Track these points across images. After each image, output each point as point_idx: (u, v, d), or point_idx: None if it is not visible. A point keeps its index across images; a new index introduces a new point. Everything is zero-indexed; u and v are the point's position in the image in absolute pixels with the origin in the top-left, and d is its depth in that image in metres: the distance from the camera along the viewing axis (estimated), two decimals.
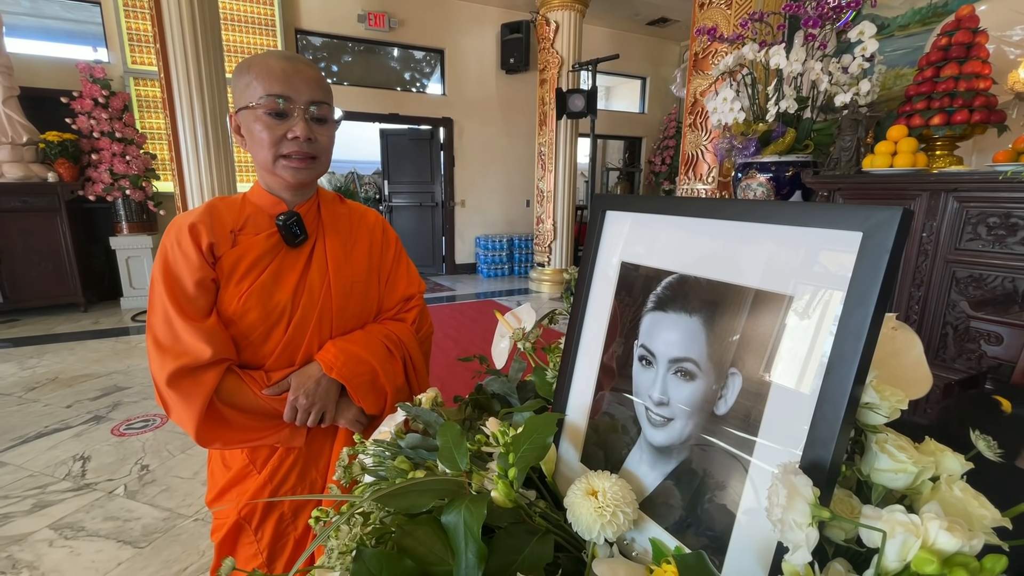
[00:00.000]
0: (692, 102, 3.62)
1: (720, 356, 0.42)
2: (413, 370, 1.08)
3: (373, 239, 1.09)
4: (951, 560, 0.27)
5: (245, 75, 0.87)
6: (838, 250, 0.35)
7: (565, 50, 6.08)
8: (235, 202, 0.96)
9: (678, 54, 8.63)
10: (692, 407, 0.43)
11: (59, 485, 2.26)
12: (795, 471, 0.31)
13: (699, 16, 3.54)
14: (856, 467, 0.38)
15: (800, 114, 2.39)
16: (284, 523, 1.00)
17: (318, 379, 0.94)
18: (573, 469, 0.55)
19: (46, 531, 1.96)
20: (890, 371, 0.43)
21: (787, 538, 0.31)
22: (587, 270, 0.58)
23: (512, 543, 0.43)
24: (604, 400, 0.54)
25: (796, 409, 0.36)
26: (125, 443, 2.64)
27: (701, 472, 0.42)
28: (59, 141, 4.78)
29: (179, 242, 0.88)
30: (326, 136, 0.93)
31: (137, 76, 5.42)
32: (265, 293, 0.92)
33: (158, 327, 0.87)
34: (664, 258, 0.49)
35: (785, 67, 2.26)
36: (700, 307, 0.44)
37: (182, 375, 0.84)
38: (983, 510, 0.33)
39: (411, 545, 0.42)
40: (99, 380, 3.46)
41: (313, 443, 1.00)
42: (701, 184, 3.65)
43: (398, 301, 1.11)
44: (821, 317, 0.35)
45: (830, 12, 2.25)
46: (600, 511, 0.42)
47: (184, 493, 2.21)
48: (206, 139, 3.73)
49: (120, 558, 1.82)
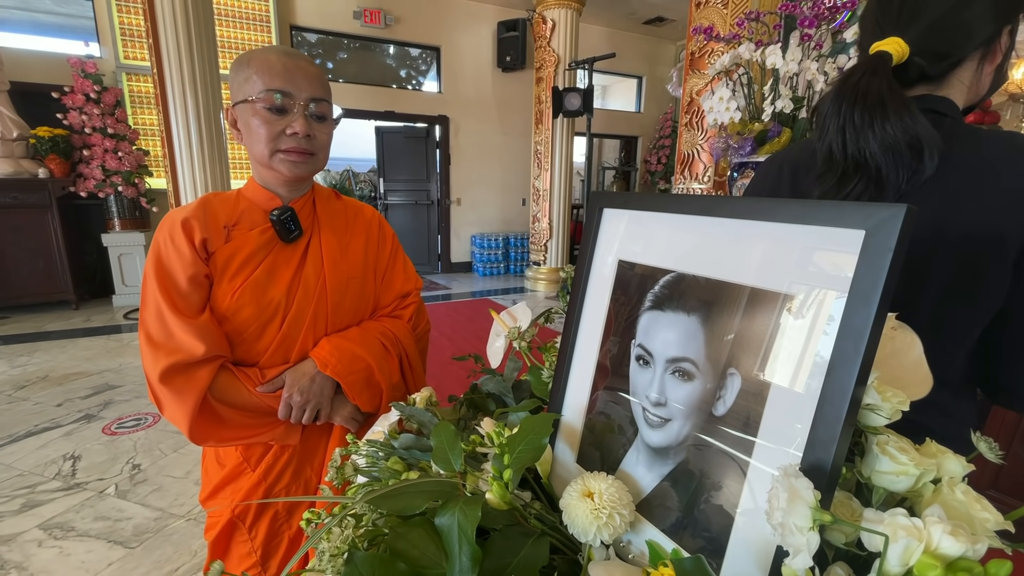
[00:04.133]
0: (688, 101, 3.63)
1: (719, 356, 0.41)
2: (409, 367, 1.07)
3: (369, 235, 1.08)
4: (955, 565, 0.27)
5: (244, 69, 0.86)
6: (840, 249, 0.34)
7: (561, 48, 6.08)
8: (229, 197, 0.95)
9: (674, 53, 8.64)
10: (690, 407, 0.43)
11: (49, 485, 2.24)
12: (796, 474, 0.31)
13: (695, 15, 3.54)
14: (857, 469, 0.38)
15: (796, 114, 2.40)
16: (278, 522, 1.00)
17: (313, 376, 0.93)
18: (569, 470, 0.54)
19: (35, 531, 1.94)
20: (890, 371, 0.42)
21: (787, 542, 0.30)
22: (583, 268, 0.57)
23: (507, 545, 0.42)
24: (600, 400, 0.53)
25: (796, 410, 0.35)
26: (116, 442, 2.62)
27: (699, 473, 0.41)
28: (50, 137, 4.73)
29: (172, 237, 0.87)
30: (325, 133, 0.93)
31: (130, 71, 5.37)
32: (259, 289, 0.91)
33: (151, 323, 0.85)
34: (662, 256, 0.48)
35: (781, 67, 2.27)
36: (698, 306, 0.43)
37: (175, 372, 0.83)
38: (985, 513, 0.33)
39: (404, 547, 0.42)
40: (90, 378, 3.42)
41: (308, 441, 0.99)
42: (697, 183, 3.66)
43: (394, 298, 1.10)
44: (822, 317, 0.35)
45: (826, 12, 2.25)
46: (596, 513, 0.42)
47: (176, 492, 2.20)
48: (199, 135, 3.70)
49: (111, 558, 1.80)
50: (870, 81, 0.61)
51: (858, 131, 0.62)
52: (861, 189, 0.64)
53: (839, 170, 0.66)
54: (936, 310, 0.65)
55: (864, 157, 0.63)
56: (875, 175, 0.63)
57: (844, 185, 0.65)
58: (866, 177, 0.63)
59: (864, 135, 0.62)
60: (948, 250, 0.63)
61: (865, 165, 0.63)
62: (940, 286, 0.64)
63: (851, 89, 0.63)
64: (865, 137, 0.62)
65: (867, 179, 0.63)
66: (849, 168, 0.65)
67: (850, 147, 0.63)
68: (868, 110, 0.61)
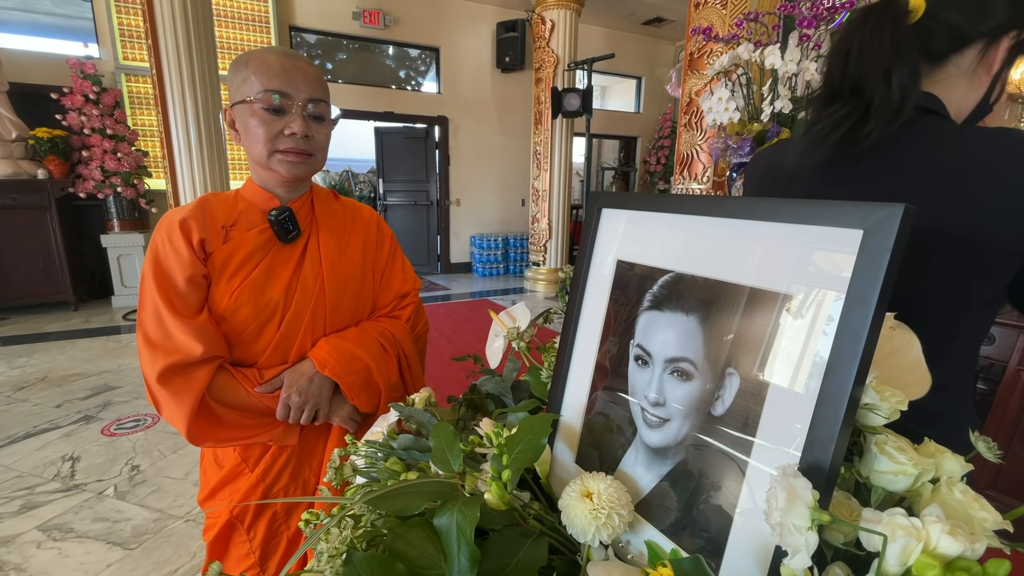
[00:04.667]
0: (687, 102, 3.63)
1: (717, 356, 0.41)
2: (408, 368, 1.07)
3: (368, 235, 1.07)
4: (953, 564, 0.27)
5: (243, 69, 0.86)
6: (838, 249, 0.34)
7: (561, 49, 6.08)
8: (227, 198, 0.95)
9: (673, 54, 8.64)
10: (688, 407, 0.43)
11: (48, 486, 2.24)
12: (794, 474, 0.31)
13: (694, 16, 3.54)
14: (855, 469, 0.38)
15: (795, 114, 2.40)
16: (277, 522, 0.99)
17: (311, 376, 0.93)
18: (568, 470, 0.54)
19: (34, 532, 1.94)
20: (888, 371, 0.42)
21: (786, 542, 0.30)
22: (582, 268, 0.57)
23: (506, 546, 0.42)
24: (599, 400, 0.53)
25: (795, 410, 0.35)
26: (115, 443, 2.61)
27: (697, 473, 0.41)
28: (49, 138, 4.72)
29: (170, 238, 0.87)
30: (323, 134, 0.93)
31: (129, 72, 5.37)
32: (257, 290, 0.91)
33: (148, 324, 0.85)
34: (660, 256, 0.48)
35: (780, 67, 2.27)
36: (697, 306, 0.43)
37: (173, 372, 0.83)
38: (984, 513, 0.33)
39: (403, 548, 0.42)
40: (89, 379, 3.42)
41: (306, 441, 0.99)
42: (696, 184, 3.66)
43: (393, 298, 1.10)
44: (821, 317, 0.35)
45: (824, 13, 2.25)
46: (595, 513, 0.42)
47: (175, 494, 2.19)
48: (199, 136, 3.69)
49: (110, 559, 1.80)
50: (884, 12, 0.64)
51: (863, 50, 0.64)
52: (845, 113, 0.66)
53: (831, 92, 0.68)
54: (943, 304, 0.65)
55: (861, 80, 0.65)
56: (864, 103, 0.65)
57: (829, 106, 0.68)
58: (854, 102, 0.65)
59: (867, 53, 0.64)
60: (948, 247, 0.63)
61: (858, 91, 0.65)
62: (950, 280, 0.64)
63: (866, 13, 0.66)
64: (867, 54, 0.64)
65: (854, 105, 0.65)
66: (844, 91, 0.67)
67: (851, 66, 0.65)
68: (879, 31, 0.64)
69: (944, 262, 0.62)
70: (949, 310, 0.65)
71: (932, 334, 0.47)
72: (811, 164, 0.72)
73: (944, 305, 0.64)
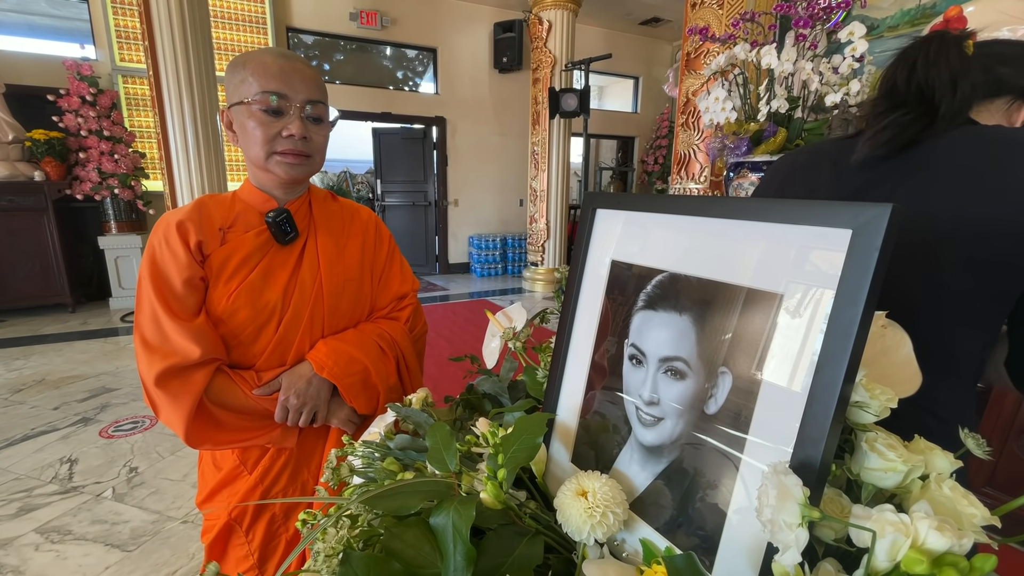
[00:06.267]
0: (684, 102, 3.63)
1: (710, 355, 0.41)
2: (406, 369, 1.07)
3: (366, 237, 1.08)
4: (941, 559, 0.27)
5: (240, 71, 0.86)
6: (828, 248, 0.35)
7: (558, 49, 6.08)
8: (225, 199, 0.95)
9: (670, 54, 8.65)
10: (683, 406, 0.43)
11: (45, 488, 2.23)
12: (785, 471, 0.31)
13: (691, 16, 3.55)
14: (846, 466, 0.38)
15: (791, 114, 2.40)
16: (275, 524, 0.99)
17: (309, 379, 0.93)
18: (563, 469, 0.54)
19: (32, 535, 1.93)
20: (879, 369, 0.43)
21: (777, 539, 0.30)
22: (577, 269, 0.57)
23: (501, 544, 0.43)
24: (595, 400, 0.53)
25: (787, 407, 0.35)
26: (113, 445, 2.61)
27: (692, 471, 0.42)
28: (46, 139, 4.71)
29: (167, 240, 0.87)
30: (321, 136, 0.93)
31: (125, 73, 5.36)
32: (255, 292, 0.91)
33: (146, 326, 0.85)
34: (655, 256, 0.49)
35: (776, 67, 2.28)
36: (690, 306, 0.44)
37: (171, 375, 0.83)
38: (972, 508, 0.33)
39: (399, 547, 0.42)
40: (87, 381, 3.41)
41: (305, 443, 0.99)
42: (694, 183, 3.66)
43: (391, 300, 1.10)
44: (811, 315, 0.35)
45: (820, 13, 2.26)
46: (590, 512, 0.42)
47: (173, 495, 2.19)
48: (196, 137, 3.69)
49: (108, 562, 1.80)
50: (946, 35, 0.70)
51: (930, 62, 0.69)
52: (913, 116, 0.69)
53: (897, 100, 0.72)
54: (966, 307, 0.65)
55: (931, 85, 0.69)
56: (930, 105, 0.69)
57: (895, 111, 0.71)
58: (921, 106, 0.69)
59: (936, 65, 0.68)
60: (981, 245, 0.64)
61: (925, 96, 0.69)
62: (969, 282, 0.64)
63: (929, 35, 0.72)
64: (936, 66, 0.68)
65: (922, 108, 0.69)
66: (910, 98, 0.70)
67: (919, 74, 0.69)
68: (944, 47, 0.69)
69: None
70: (979, 307, 0.66)
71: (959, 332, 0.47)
72: (871, 162, 0.74)
73: (974, 301, 0.65)
